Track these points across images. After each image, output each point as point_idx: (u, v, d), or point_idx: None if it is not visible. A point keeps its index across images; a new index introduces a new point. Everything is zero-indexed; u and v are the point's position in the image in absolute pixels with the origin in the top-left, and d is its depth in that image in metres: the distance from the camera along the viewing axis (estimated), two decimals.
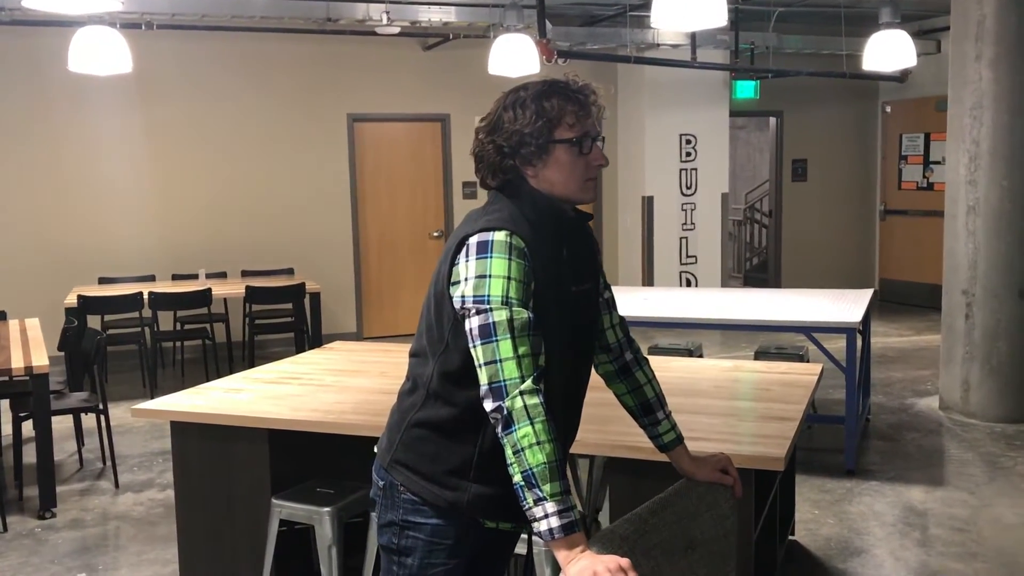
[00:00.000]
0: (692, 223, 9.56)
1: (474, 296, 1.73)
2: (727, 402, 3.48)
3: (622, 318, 2.15)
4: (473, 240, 1.77)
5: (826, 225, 11.14)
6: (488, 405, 1.70)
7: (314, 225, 8.95)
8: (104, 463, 5.31)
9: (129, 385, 7.29)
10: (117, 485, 4.99)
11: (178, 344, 8.06)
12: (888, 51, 6.15)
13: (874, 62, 6.28)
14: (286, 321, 7.86)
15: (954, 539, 4.05)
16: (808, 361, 5.95)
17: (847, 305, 5.35)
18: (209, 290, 7.19)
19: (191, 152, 8.54)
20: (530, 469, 1.65)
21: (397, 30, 7.94)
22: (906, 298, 10.52)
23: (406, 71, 9.14)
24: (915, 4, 9.23)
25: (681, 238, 9.56)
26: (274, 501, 3.36)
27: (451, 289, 1.80)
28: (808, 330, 5.00)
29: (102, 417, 5.12)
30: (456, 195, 9.43)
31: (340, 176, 9.05)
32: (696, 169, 9.56)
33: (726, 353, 8.05)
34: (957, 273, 5.93)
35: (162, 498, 4.79)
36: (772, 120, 11.08)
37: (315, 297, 7.59)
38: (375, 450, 2.04)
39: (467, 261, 1.77)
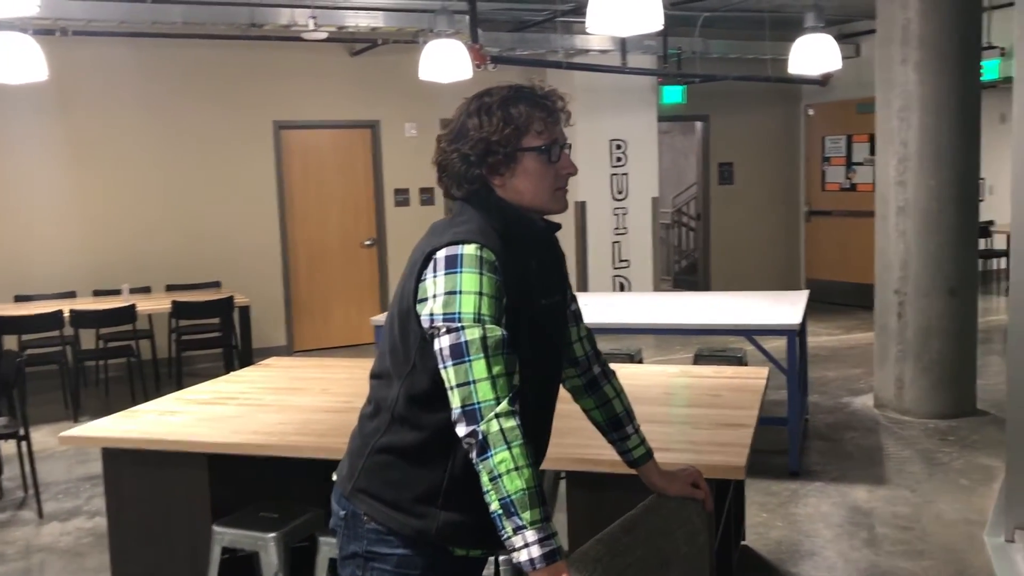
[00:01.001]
0: (624, 227, 9.59)
1: (444, 314, 1.64)
2: (680, 409, 3.45)
3: (589, 330, 2.08)
4: (441, 254, 1.68)
5: (753, 227, 11.30)
6: (461, 430, 1.61)
7: (241, 236, 8.71)
8: (26, 491, 5.04)
9: (50, 407, 6.96)
10: (41, 515, 4.74)
11: (101, 363, 7.74)
12: (813, 55, 6.24)
13: (800, 66, 6.36)
14: (214, 336, 7.61)
15: (900, 538, 4.09)
16: (746, 363, 6.00)
17: (785, 307, 5.39)
18: (133, 306, 6.92)
19: (111, 162, 8.23)
20: (508, 496, 1.56)
21: (324, 35, 7.76)
22: (832, 297, 10.71)
23: (333, 77, 8.97)
24: (835, 8, 9.41)
25: (614, 242, 9.57)
26: (215, 528, 3.21)
27: (418, 307, 1.70)
28: (749, 333, 5.02)
29: (23, 443, 4.86)
30: (388, 203, 9.28)
31: (267, 185, 8.82)
32: (627, 174, 9.60)
33: (660, 357, 8.07)
34: (889, 273, 6.03)
35: (91, 527, 4.56)
36: (699, 124, 11.20)
37: (244, 311, 7.37)
38: (334, 477, 1.93)
39: (435, 277, 1.67)
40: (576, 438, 2.68)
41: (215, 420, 3.41)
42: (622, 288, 9.66)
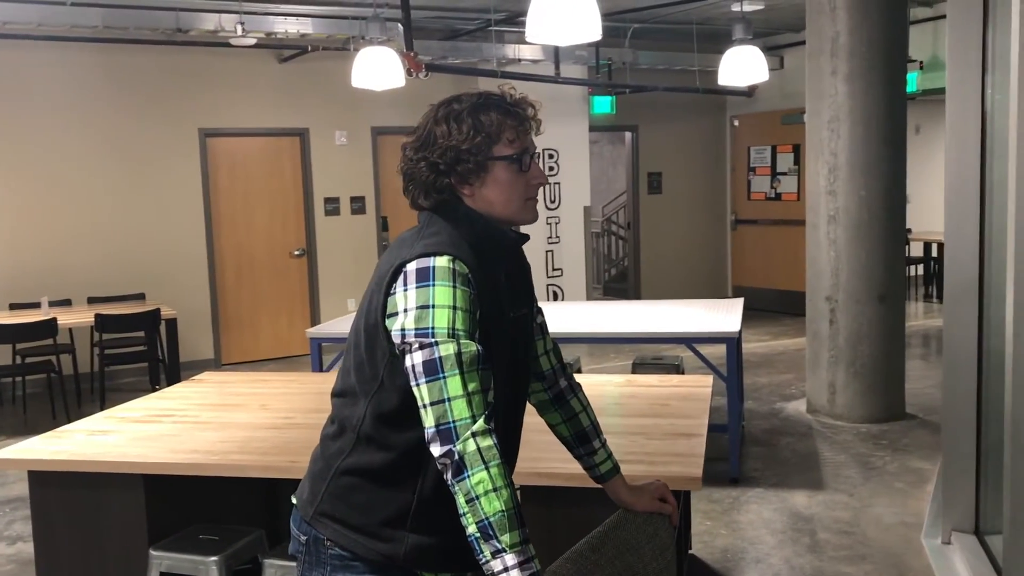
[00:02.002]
0: (557, 236, 9.60)
1: (416, 329, 1.57)
2: (630, 420, 3.43)
3: (555, 343, 2.04)
4: (412, 267, 1.61)
5: (681, 235, 11.44)
6: (436, 449, 1.55)
7: (166, 246, 8.45)
8: None
9: None
10: None
11: (18, 379, 7.41)
12: (741, 66, 6.35)
13: (728, 77, 6.46)
14: (139, 350, 7.36)
15: (842, 543, 4.14)
16: (683, 371, 6.04)
17: (721, 314, 5.44)
18: (54, 320, 6.64)
19: (28, 170, 7.90)
20: (487, 519, 1.50)
21: (253, 41, 7.60)
22: (758, 304, 10.88)
23: (261, 84, 8.78)
24: (760, 22, 9.59)
25: (547, 251, 9.58)
26: (152, 552, 3.08)
27: (387, 321, 1.63)
28: (690, 341, 5.04)
29: None
30: (318, 212, 9.12)
31: (192, 194, 8.59)
32: (559, 183, 9.62)
33: (596, 365, 8.09)
34: (820, 280, 6.14)
35: (12, 553, 4.34)
36: (628, 135, 11.29)
37: (171, 323, 7.15)
38: (293, 501, 1.84)
39: (406, 290, 1.60)
40: (529, 451, 2.61)
41: (150, 439, 3.27)
42: (556, 297, 9.67)
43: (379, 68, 6.02)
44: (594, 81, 9.57)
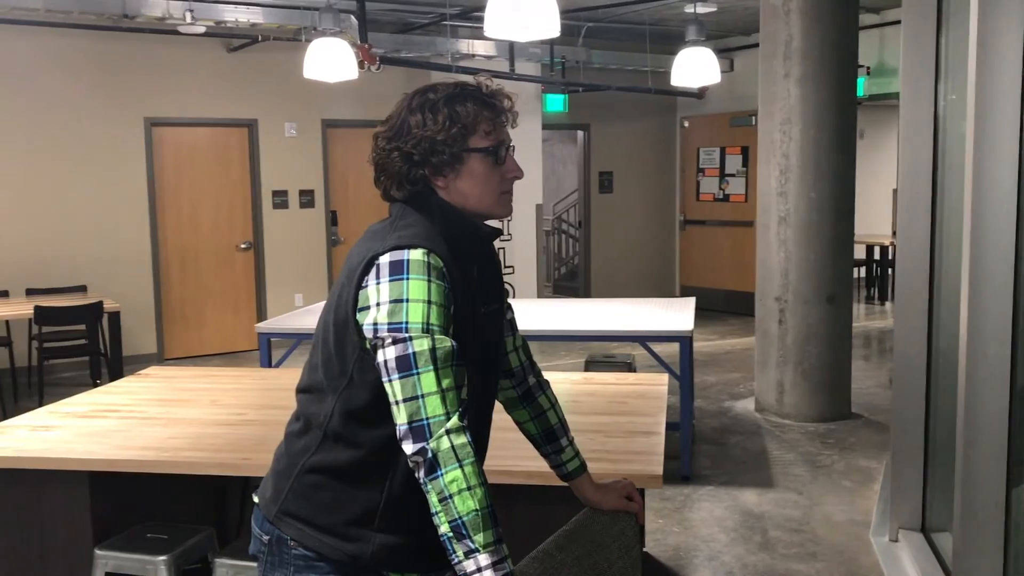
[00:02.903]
0: (509, 234, 9.57)
1: (389, 323, 1.53)
2: (589, 417, 3.41)
3: (524, 340, 2.01)
4: (385, 259, 1.57)
5: (631, 235, 11.50)
6: (409, 447, 1.50)
7: (109, 238, 8.25)
8: None
9: None
10: None
11: None
12: (694, 68, 6.40)
13: (681, 78, 6.51)
14: (80, 344, 7.16)
15: (793, 540, 4.18)
16: (635, 369, 6.06)
17: (674, 313, 5.46)
18: None
19: None
20: (460, 518, 1.47)
21: (202, 30, 7.44)
22: (706, 304, 10.97)
23: (209, 73, 8.61)
24: (711, 24, 9.68)
25: (499, 248, 9.53)
26: (97, 552, 2.98)
27: (358, 316, 1.59)
28: (644, 339, 5.06)
29: None
30: (266, 204, 8.98)
31: (137, 184, 8.38)
32: None
33: (547, 363, 8.09)
34: (770, 281, 6.20)
35: None
36: (580, 134, 11.31)
37: (114, 317, 6.96)
38: (255, 499, 1.78)
39: (379, 284, 1.56)
40: (489, 448, 2.60)
41: (96, 435, 3.16)
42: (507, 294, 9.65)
43: (332, 60, 5.94)
44: (548, 79, 9.56)
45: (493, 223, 1.78)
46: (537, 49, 9.19)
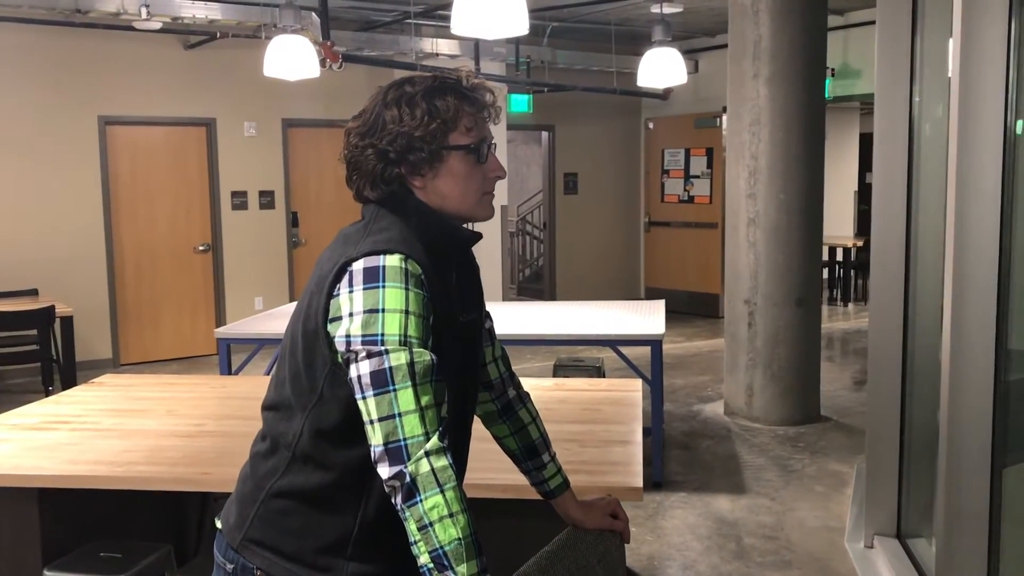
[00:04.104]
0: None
1: (363, 335, 1.41)
2: (563, 426, 3.30)
3: (504, 350, 1.89)
4: (359, 266, 1.45)
5: (596, 236, 11.43)
6: (384, 471, 1.38)
7: (61, 239, 8.00)
8: None
9: None
10: None
11: None
12: (660, 68, 6.33)
13: (647, 79, 6.44)
14: (31, 350, 6.92)
15: (768, 548, 4.11)
16: (604, 372, 5.97)
17: (644, 317, 5.38)
18: None
19: None
20: (441, 548, 1.35)
21: (159, 26, 7.24)
22: (671, 305, 10.92)
23: (166, 71, 8.38)
24: (675, 25, 9.63)
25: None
26: (47, 573, 2.82)
27: (329, 327, 1.47)
28: (615, 343, 4.97)
29: None
30: (224, 205, 8.77)
31: (91, 184, 8.14)
32: None
33: (514, 367, 7.96)
34: (739, 283, 6.15)
35: None
36: (544, 134, 11.23)
37: (66, 322, 6.74)
38: (218, 525, 1.65)
39: (351, 292, 1.44)
40: None
41: (47, 448, 3.00)
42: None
43: (293, 57, 5.79)
44: (513, 79, 9.46)
45: (474, 226, 1.66)
46: (502, 49, 9.09)
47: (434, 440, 1.38)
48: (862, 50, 8.96)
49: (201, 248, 8.76)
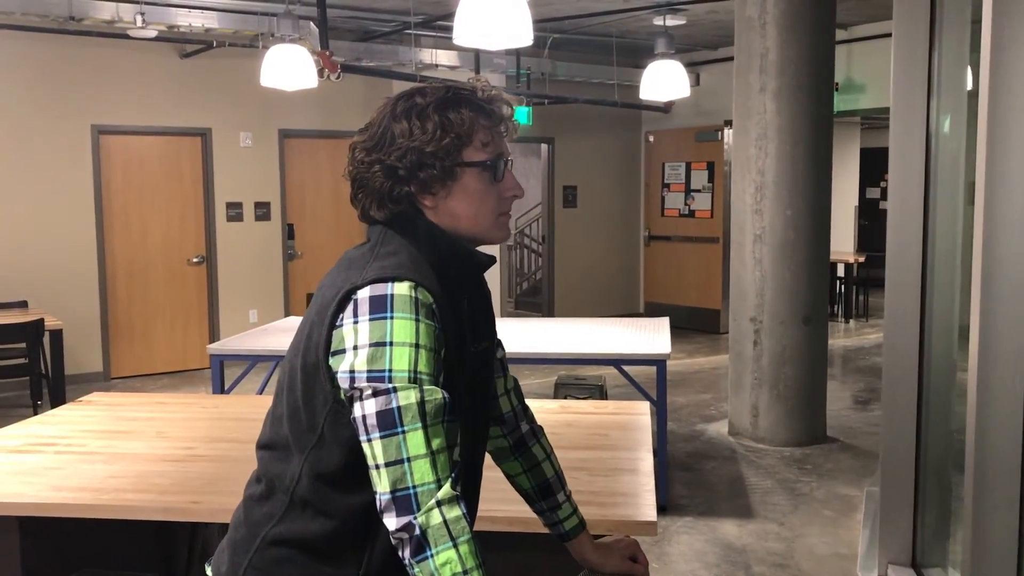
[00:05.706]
0: None
1: (369, 371, 1.27)
2: (570, 453, 3.16)
3: (516, 381, 1.76)
4: (364, 294, 1.32)
5: (595, 250, 11.31)
6: (392, 522, 1.25)
7: (52, 251, 7.85)
8: None
9: None
10: None
11: None
12: (663, 81, 6.26)
13: (650, 91, 6.36)
14: (19, 364, 6.76)
15: None
16: (607, 391, 5.84)
17: (649, 335, 5.26)
18: None
19: None
20: None
21: (154, 34, 7.12)
22: (670, 321, 10.84)
23: (160, 80, 8.26)
24: (677, 38, 9.54)
25: None
26: None
27: (331, 360, 1.33)
28: (619, 362, 4.84)
29: None
30: (219, 217, 8.63)
31: (83, 195, 8.00)
32: None
33: None
34: (745, 300, 6.03)
35: None
36: (544, 147, 11.12)
37: (56, 335, 6.58)
38: (208, 573, 1.52)
39: (356, 323, 1.30)
40: None
41: (28, 473, 2.85)
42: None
43: (290, 67, 5.70)
44: (513, 90, 9.35)
45: (487, 249, 1.53)
46: (502, 60, 8.98)
47: (446, 488, 1.25)
48: (865, 64, 8.86)
49: (195, 260, 8.62)
